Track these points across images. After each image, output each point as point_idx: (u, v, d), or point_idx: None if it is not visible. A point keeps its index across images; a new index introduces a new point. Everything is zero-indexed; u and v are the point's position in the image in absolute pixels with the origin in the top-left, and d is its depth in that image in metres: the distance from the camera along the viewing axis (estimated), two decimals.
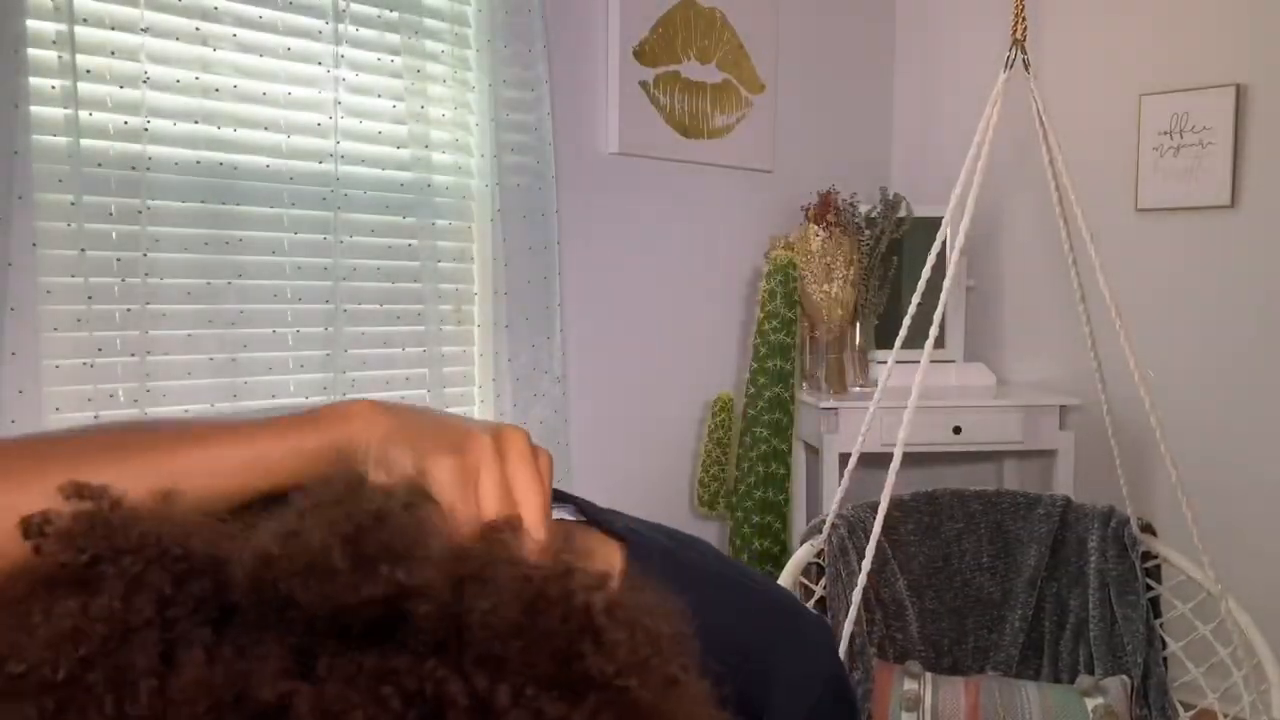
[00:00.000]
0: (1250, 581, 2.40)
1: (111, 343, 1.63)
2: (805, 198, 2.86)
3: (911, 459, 1.82)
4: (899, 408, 1.73)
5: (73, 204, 1.56)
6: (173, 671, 0.31)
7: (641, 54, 2.41)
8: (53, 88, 1.54)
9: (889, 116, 3.23)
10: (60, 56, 1.53)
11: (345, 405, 0.48)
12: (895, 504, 1.87)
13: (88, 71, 1.58)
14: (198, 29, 1.71)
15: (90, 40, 1.58)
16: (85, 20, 1.57)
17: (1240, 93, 2.50)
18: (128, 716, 0.30)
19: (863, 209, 2.70)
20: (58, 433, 0.48)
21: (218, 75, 1.73)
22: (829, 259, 2.60)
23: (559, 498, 0.67)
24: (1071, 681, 1.83)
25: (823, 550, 1.83)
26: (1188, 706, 1.87)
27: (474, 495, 0.45)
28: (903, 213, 2.71)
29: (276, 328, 1.84)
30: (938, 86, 3.12)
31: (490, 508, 0.45)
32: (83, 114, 1.56)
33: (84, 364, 1.59)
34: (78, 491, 0.36)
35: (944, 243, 1.87)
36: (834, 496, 1.90)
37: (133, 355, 1.64)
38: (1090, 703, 1.70)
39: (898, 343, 1.83)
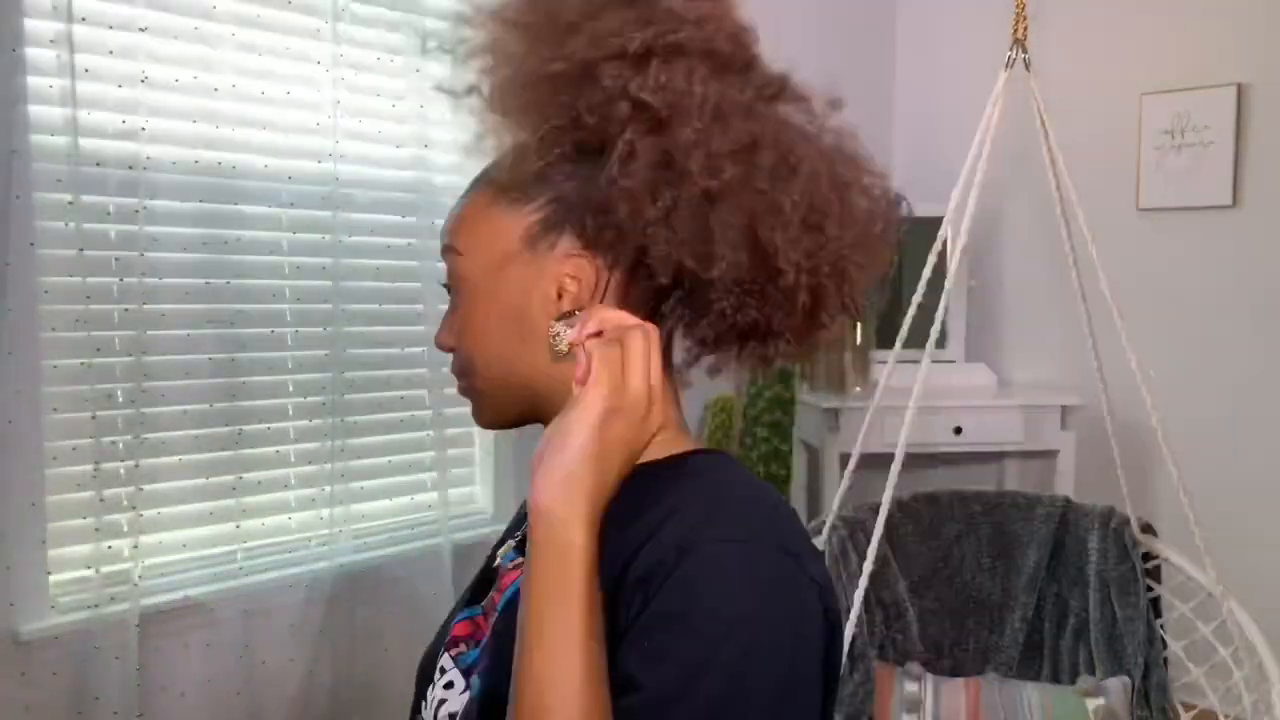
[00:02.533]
0: (1251, 582, 2.39)
1: (110, 343, 1.62)
2: None
3: (912, 459, 1.81)
4: (900, 408, 1.72)
5: (71, 203, 1.56)
6: None
7: None
8: (51, 87, 1.54)
9: (889, 116, 3.22)
10: (59, 55, 1.53)
11: None
12: (896, 505, 1.87)
13: (86, 71, 1.57)
14: (197, 28, 1.70)
15: (89, 39, 1.58)
16: (84, 19, 1.57)
17: (1241, 92, 2.50)
18: None
19: None
20: None
21: (217, 75, 1.73)
22: None
23: None
24: (1072, 682, 1.83)
25: (823, 552, 1.83)
26: (1188, 707, 1.86)
27: None
28: (903, 212, 2.71)
29: (275, 328, 1.84)
30: (938, 86, 3.11)
31: None
32: (81, 113, 1.55)
33: (82, 364, 1.59)
34: None
35: (945, 242, 1.87)
36: (834, 497, 1.90)
37: (130, 355, 1.63)
38: (1091, 704, 1.70)
39: (898, 343, 1.82)
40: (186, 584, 1.73)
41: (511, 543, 0.78)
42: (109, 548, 1.62)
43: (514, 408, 0.73)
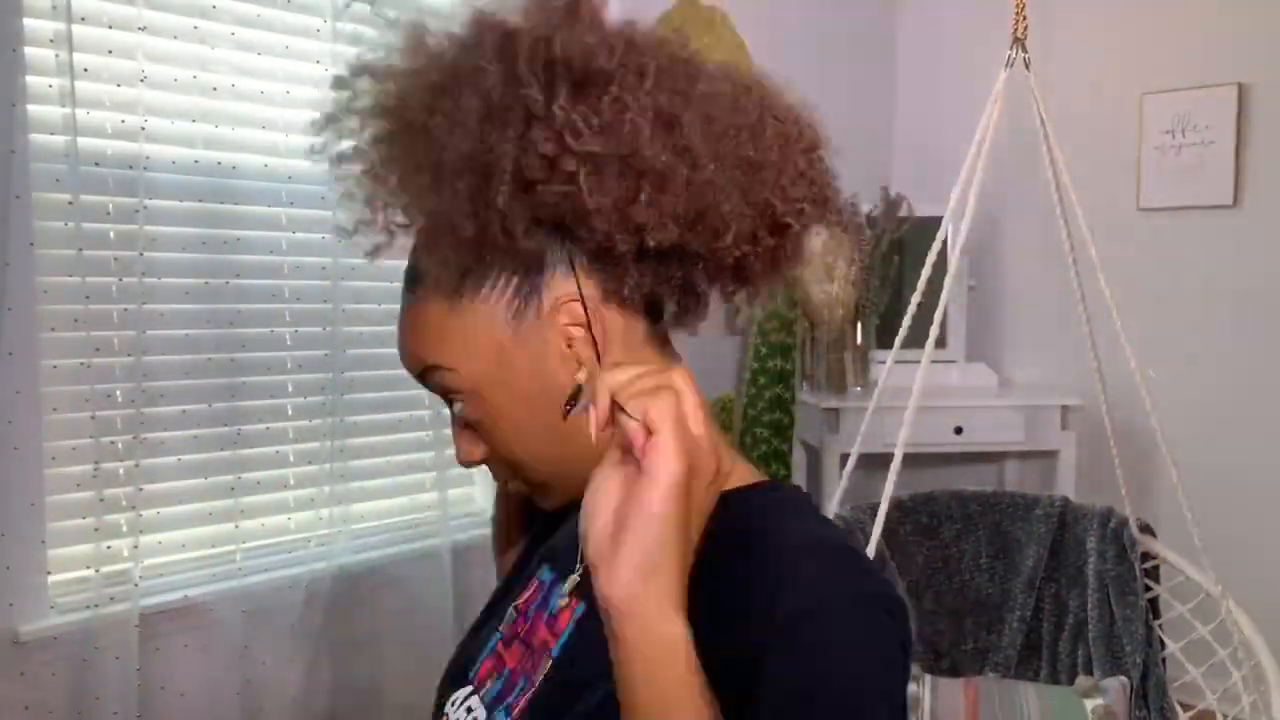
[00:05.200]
0: (1250, 582, 2.39)
1: (109, 343, 1.62)
2: None
3: (912, 459, 1.81)
4: (900, 408, 1.72)
5: (70, 203, 1.56)
6: None
7: None
8: (50, 86, 1.53)
9: (890, 116, 3.22)
10: (58, 55, 1.53)
11: None
12: (894, 505, 1.87)
13: (85, 70, 1.57)
14: (196, 27, 1.70)
15: (88, 39, 1.58)
16: (83, 19, 1.57)
17: (1242, 92, 2.50)
18: None
19: (864, 208, 2.69)
20: None
21: (216, 74, 1.73)
22: (830, 258, 2.59)
23: None
24: (1070, 682, 1.83)
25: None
26: (1187, 707, 1.86)
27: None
28: (904, 212, 2.71)
29: (274, 328, 1.84)
30: (939, 85, 3.11)
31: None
32: (80, 113, 1.55)
33: (81, 364, 1.59)
34: None
35: (945, 242, 1.87)
36: (834, 497, 1.90)
37: (130, 355, 1.63)
38: (1089, 704, 1.70)
39: (898, 342, 1.82)
40: (186, 584, 1.73)
41: (547, 572, 0.75)
42: (109, 548, 1.62)
43: (584, 474, 0.63)
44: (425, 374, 0.67)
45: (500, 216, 0.59)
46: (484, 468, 0.71)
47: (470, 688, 0.73)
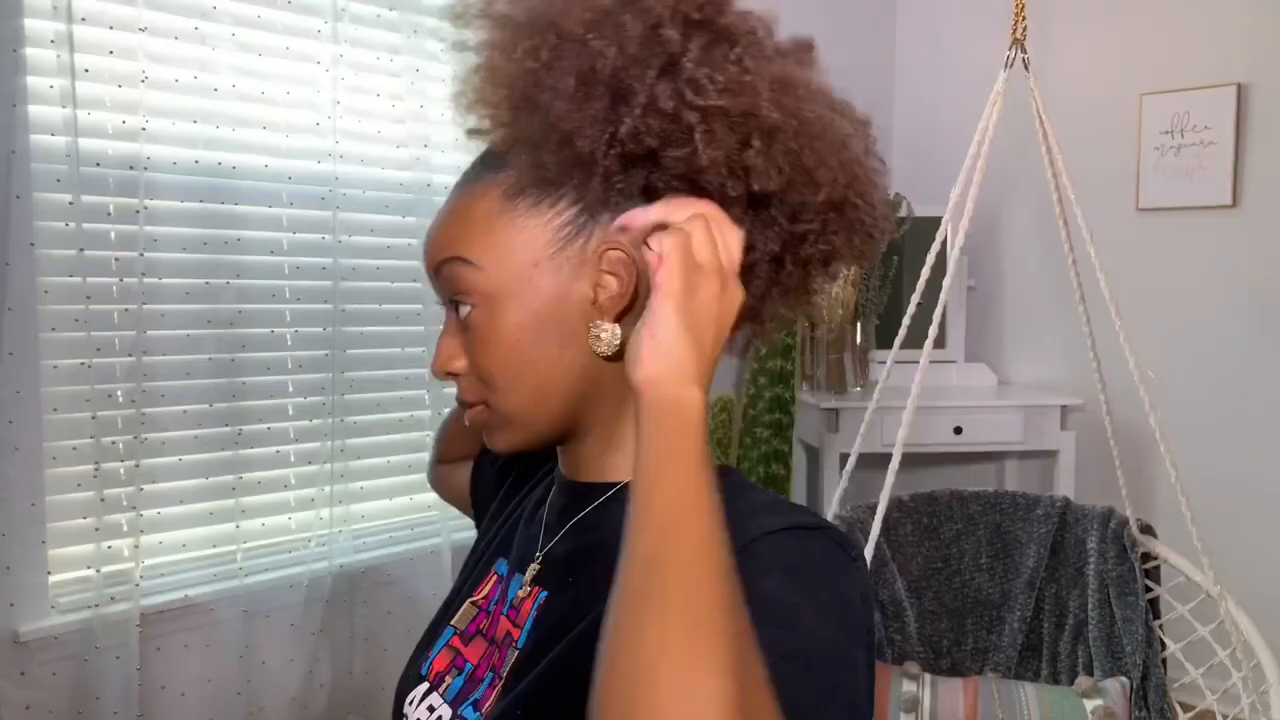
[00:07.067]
0: (1249, 582, 2.40)
1: (109, 343, 1.62)
2: None
3: (912, 459, 1.82)
4: (899, 408, 1.72)
5: (71, 204, 1.56)
6: None
7: None
8: (51, 87, 1.54)
9: (889, 116, 3.22)
10: (59, 56, 1.53)
11: None
12: (894, 505, 1.87)
13: (86, 71, 1.58)
14: (196, 28, 1.70)
15: (89, 39, 1.58)
16: (84, 19, 1.57)
17: (1241, 92, 2.50)
18: None
19: None
20: None
21: (216, 75, 1.73)
22: None
23: None
24: (1070, 683, 1.83)
25: None
26: (1186, 708, 1.86)
27: None
28: (903, 212, 2.71)
29: (275, 328, 1.84)
30: (938, 86, 3.11)
31: None
32: (81, 113, 1.55)
33: (82, 364, 1.59)
34: None
35: (944, 242, 1.87)
36: (834, 497, 1.90)
37: (130, 355, 1.64)
38: (1089, 704, 1.70)
39: (898, 342, 1.82)
40: (186, 584, 1.73)
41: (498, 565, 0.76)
42: (109, 548, 1.62)
43: (548, 422, 0.65)
44: (444, 265, 0.64)
45: (618, 144, 0.59)
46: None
47: (426, 685, 0.73)
